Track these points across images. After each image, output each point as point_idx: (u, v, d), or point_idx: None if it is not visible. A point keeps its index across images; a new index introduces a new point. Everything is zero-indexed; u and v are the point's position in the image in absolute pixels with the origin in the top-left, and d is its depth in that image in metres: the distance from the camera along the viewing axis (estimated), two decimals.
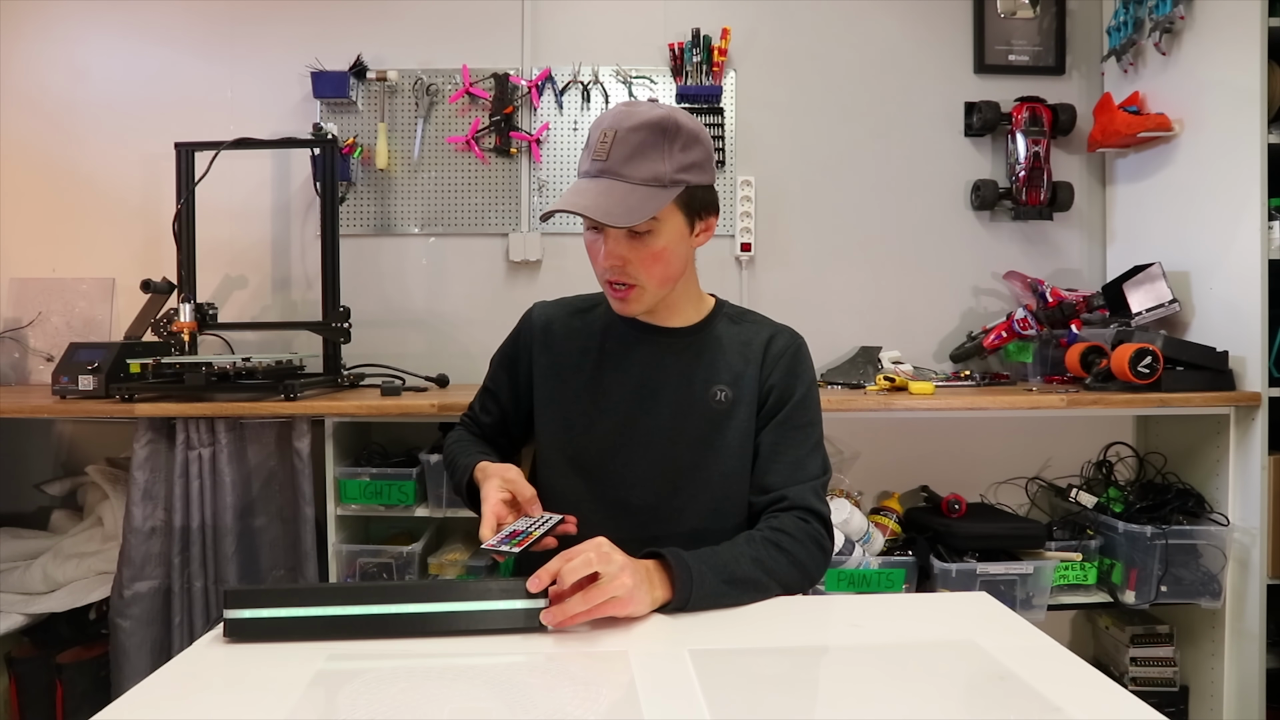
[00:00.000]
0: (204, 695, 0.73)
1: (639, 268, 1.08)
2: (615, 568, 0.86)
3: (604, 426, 1.17)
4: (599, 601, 0.84)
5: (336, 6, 2.28)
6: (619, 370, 1.18)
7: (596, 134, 1.06)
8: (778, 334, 1.20)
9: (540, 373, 1.22)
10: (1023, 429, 2.27)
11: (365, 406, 1.79)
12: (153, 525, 1.75)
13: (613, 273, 1.09)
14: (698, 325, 1.20)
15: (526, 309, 1.28)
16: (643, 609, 0.88)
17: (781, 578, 0.99)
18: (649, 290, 1.11)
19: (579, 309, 1.26)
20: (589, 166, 1.06)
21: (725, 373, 1.16)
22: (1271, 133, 1.78)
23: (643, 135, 1.04)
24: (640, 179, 1.04)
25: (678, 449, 1.14)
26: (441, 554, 1.94)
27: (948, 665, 0.81)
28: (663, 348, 1.18)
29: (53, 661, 1.95)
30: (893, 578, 1.88)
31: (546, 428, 1.21)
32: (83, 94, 2.28)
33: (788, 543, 1.02)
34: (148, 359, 1.83)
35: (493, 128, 2.26)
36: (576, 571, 0.84)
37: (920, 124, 2.33)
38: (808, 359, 1.20)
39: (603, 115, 1.09)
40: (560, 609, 0.84)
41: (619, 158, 1.04)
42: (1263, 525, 1.81)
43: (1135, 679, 2.04)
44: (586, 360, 1.20)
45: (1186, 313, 2.00)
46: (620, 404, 1.17)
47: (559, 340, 1.22)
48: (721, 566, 0.94)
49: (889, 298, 2.33)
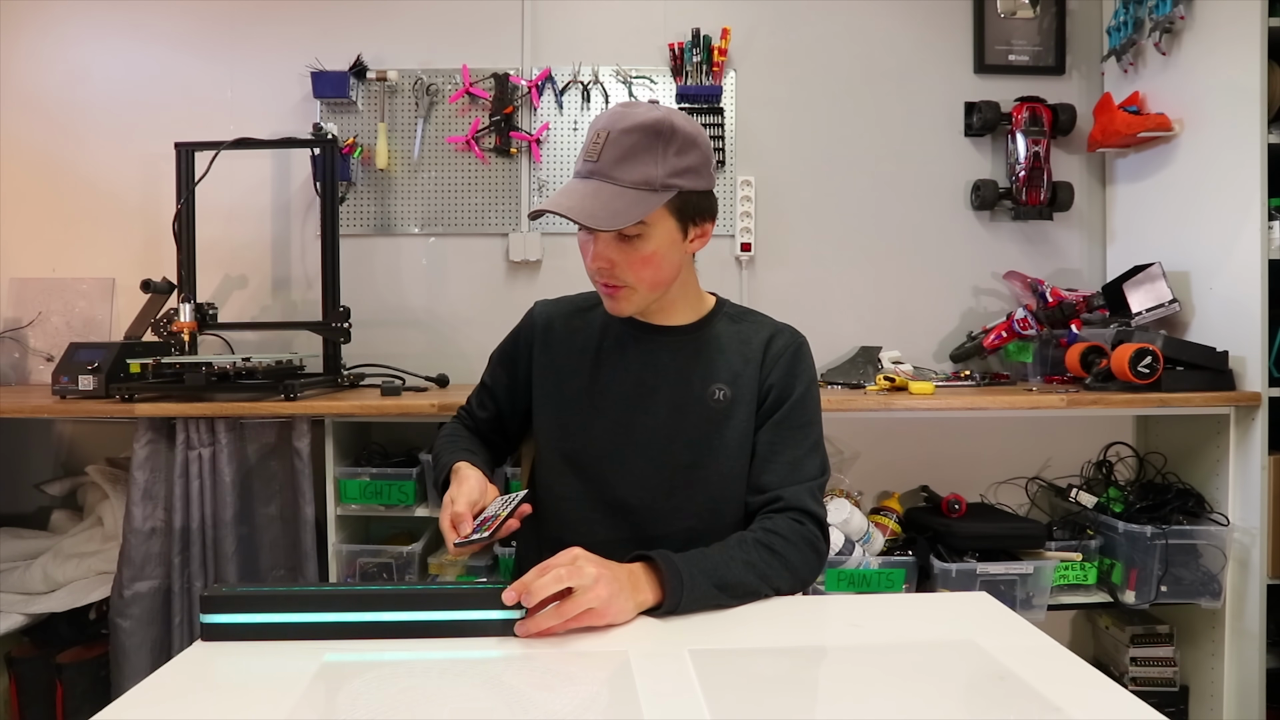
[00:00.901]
0: (204, 695, 0.73)
1: (627, 270, 1.07)
2: (589, 579, 0.84)
3: (601, 426, 1.16)
4: (572, 615, 0.83)
5: (336, 6, 2.28)
6: (616, 370, 1.17)
7: (591, 134, 1.06)
8: (778, 333, 1.19)
9: (539, 372, 1.22)
10: (1023, 429, 2.27)
11: (365, 406, 1.79)
12: (153, 525, 1.75)
13: (601, 274, 1.09)
14: (697, 324, 1.19)
15: (529, 308, 1.28)
16: (623, 616, 0.87)
17: (774, 581, 0.98)
18: (640, 292, 1.10)
19: (580, 308, 1.25)
20: (580, 167, 1.06)
21: (724, 372, 1.15)
22: (1271, 133, 1.78)
23: (635, 138, 1.02)
24: (630, 182, 1.02)
25: (675, 448, 1.14)
26: (441, 554, 1.94)
27: (948, 665, 0.81)
28: (660, 347, 1.17)
29: (53, 661, 1.95)
30: (893, 578, 1.88)
31: (544, 427, 1.21)
32: (83, 94, 2.28)
33: (780, 545, 1.01)
34: (148, 359, 1.84)
35: (493, 128, 2.26)
36: (546, 588, 0.83)
37: (920, 124, 2.33)
38: (808, 358, 1.18)
39: (600, 115, 1.08)
40: (533, 621, 0.83)
41: (610, 159, 1.03)
42: (1263, 525, 1.81)
43: (1135, 679, 2.04)
44: (585, 359, 1.19)
45: (1186, 313, 2.00)
46: (617, 404, 1.16)
47: (559, 339, 1.22)
48: (712, 570, 0.93)
49: (889, 298, 2.33)
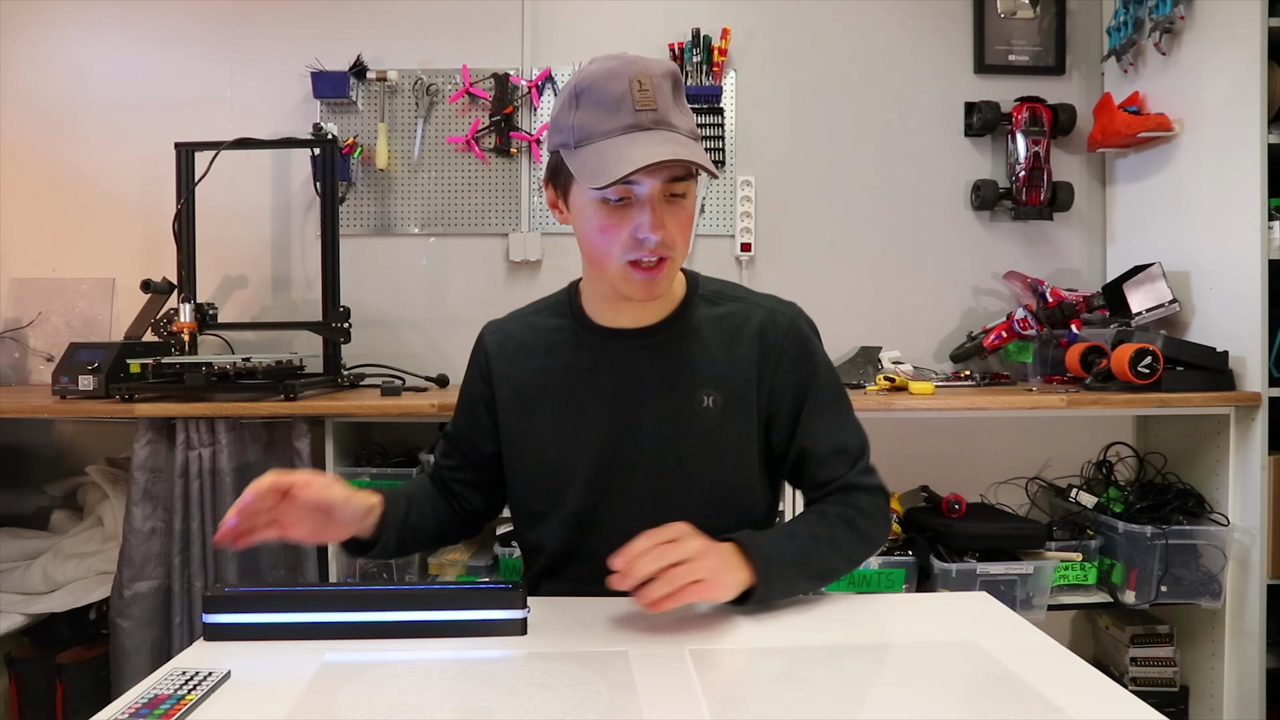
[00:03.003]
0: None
1: (676, 235, 0.94)
2: (695, 551, 0.83)
3: (583, 454, 1.04)
4: (682, 583, 0.81)
5: (336, 6, 2.28)
6: (589, 386, 1.04)
7: (619, 85, 0.90)
8: (770, 316, 1.06)
9: (504, 407, 1.07)
10: (1023, 429, 2.27)
11: (365, 406, 1.79)
12: (153, 525, 1.75)
13: (658, 246, 0.93)
14: (674, 316, 1.05)
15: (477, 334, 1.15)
16: (729, 592, 0.86)
17: (854, 557, 1.00)
18: (677, 262, 0.98)
19: (530, 318, 1.11)
20: (635, 119, 0.89)
21: (709, 371, 1.03)
22: (1271, 133, 1.78)
23: (670, 82, 0.92)
24: (687, 130, 0.92)
25: (665, 467, 1.03)
26: (441, 554, 1.94)
27: (948, 665, 0.81)
28: (635, 352, 1.04)
29: (53, 661, 1.95)
30: (893, 578, 1.88)
31: (518, 465, 1.08)
32: (83, 94, 2.28)
33: (863, 521, 1.01)
34: (148, 359, 1.83)
35: (493, 128, 2.26)
36: (649, 567, 0.81)
37: (920, 124, 2.33)
38: (810, 330, 1.09)
39: (601, 67, 0.92)
40: (645, 592, 0.81)
41: (665, 106, 0.91)
42: (1263, 525, 1.80)
43: (1135, 679, 2.04)
44: (549, 383, 1.06)
45: (1186, 313, 2.00)
46: (597, 425, 1.03)
47: (516, 363, 1.08)
48: (798, 554, 0.93)
49: (889, 298, 2.33)
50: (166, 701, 0.70)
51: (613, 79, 0.90)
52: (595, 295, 1.06)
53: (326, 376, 2.03)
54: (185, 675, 0.75)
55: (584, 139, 0.92)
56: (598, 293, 1.05)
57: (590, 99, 0.91)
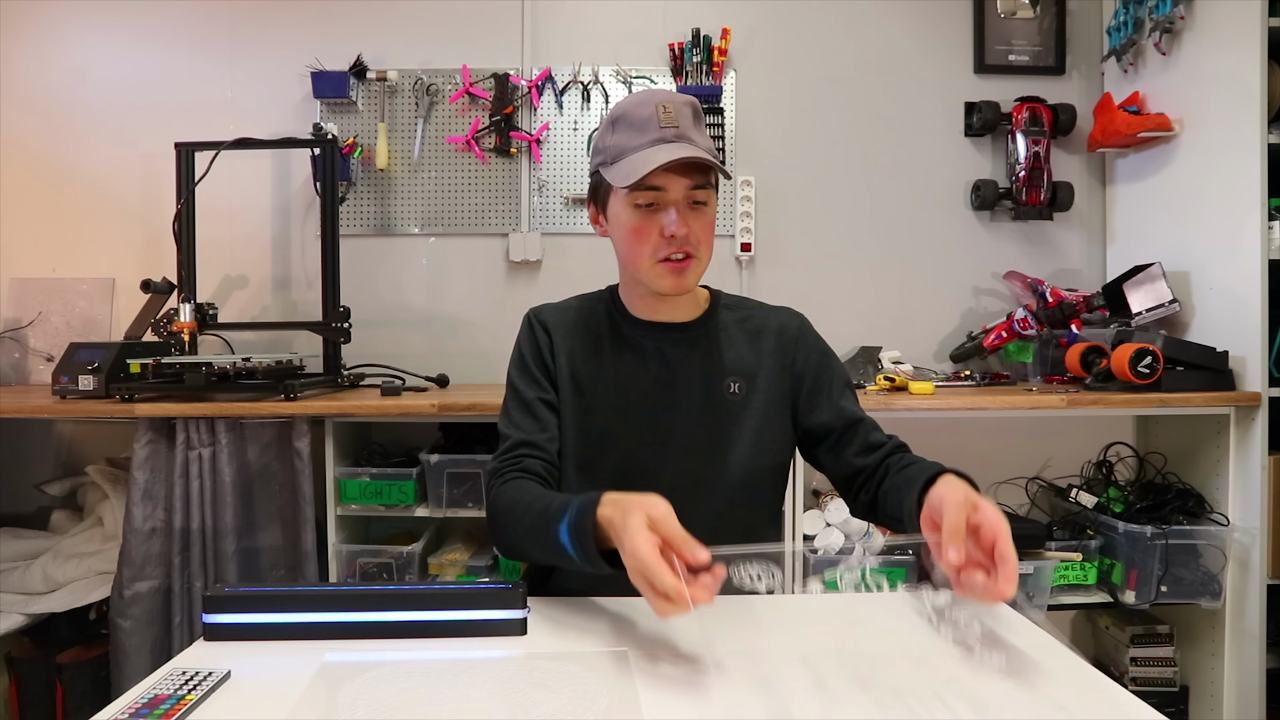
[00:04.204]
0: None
1: (700, 236, 1.09)
2: (996, 516, 0.83)
3: (627, 430, 1.14)
4: (1010, 553, 0.80)
5: (336, 6, 2.28)
6: (635, 371, 1.16)
7: (647, 110, 1.06)
8: (785, 319, 1.22)
9: (560, 373, 1.17)
10: (1023, 429, 2.27)
11: (365, 406, 1.79)
12: (153, 525, 1.75)
13: (684, 243, 1.07)
14: (703, 318, 1.20)
15: (524, 315, 1.22)
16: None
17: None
18: (702, 262, 1.11)
19: (579, 310, 1.22)
20: (660, 134, 1.05)
21: (734, 364, 1.17)
22: (1271, 133, 1.78)
23: (690, 110, 1.08)
24: (704, 148, 1.07)
25: (699, 446, 1.14)
26: (441, 554, 1.95)
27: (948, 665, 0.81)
28: (673, 344, 1.17)
29: (53, 661, 1.95)
30: (893, 577, 1.88)
31: (567, 434, 1.16)
32: (83, 94, 2.28)
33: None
34: (148, 359, 1.84)
35: (493, 128, 2.26)
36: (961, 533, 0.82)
37: (920, 124, 2.33)
38: (812, 326, 1.25)
39: (633, 98, 1.09)
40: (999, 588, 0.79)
41: (686, 126, 1.06)
42: (1263, 525, 1.81)
43: (1135, 679, 2.04)
44: (601, 363, 1.17)
45: (1186, 313, 2.00)
46: (642, 405, 1.15)
47: (571, 338, 1.19)
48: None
49: (889, 298, 2.33)
50: (166, 701, 0.70)
51: (641, 105, 1.08)
52: (633, 297, 1.19)
53: (326, 376, 2.03)
54: (185, 675, 0.75)
55: (618, 155, 1.08)
56: (635, 294, 1.19)
57: (624, 123, 1.08)
